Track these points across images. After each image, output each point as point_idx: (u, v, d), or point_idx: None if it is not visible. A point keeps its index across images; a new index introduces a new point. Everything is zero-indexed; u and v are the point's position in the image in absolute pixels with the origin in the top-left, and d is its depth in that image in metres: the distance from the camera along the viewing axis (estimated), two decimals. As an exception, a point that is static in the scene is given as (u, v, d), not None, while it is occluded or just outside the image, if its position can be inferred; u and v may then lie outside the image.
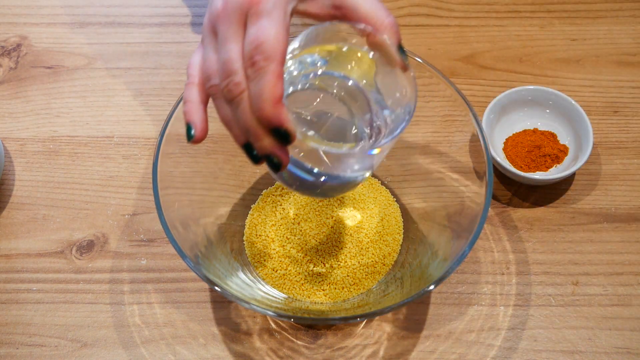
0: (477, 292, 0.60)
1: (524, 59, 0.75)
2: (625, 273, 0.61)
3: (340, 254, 0.60)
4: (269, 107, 0.40)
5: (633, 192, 0.66)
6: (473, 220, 0.52)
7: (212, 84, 0.42)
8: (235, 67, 0.40)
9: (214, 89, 0.42)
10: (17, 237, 0.64)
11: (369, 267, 0.59)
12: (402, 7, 0.79)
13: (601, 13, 0.78)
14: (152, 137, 0.70)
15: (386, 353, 0.57)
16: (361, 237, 0.60)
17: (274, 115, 0.40)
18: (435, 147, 0.62)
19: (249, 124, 0.41)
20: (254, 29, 0.40)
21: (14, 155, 0.69)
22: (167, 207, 0.51)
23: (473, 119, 0.54)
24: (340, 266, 0.59)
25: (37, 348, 0.58)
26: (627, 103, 0.71)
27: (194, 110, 0.43)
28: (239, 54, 0.41)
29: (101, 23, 0.79)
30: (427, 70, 0.57)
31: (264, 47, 0.40)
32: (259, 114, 0.40)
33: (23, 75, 0.74)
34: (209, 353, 0.57)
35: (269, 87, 0.39)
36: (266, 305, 0.53)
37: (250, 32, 0.40)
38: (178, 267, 0.62)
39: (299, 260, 0.59)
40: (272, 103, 0.40)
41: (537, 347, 0.57)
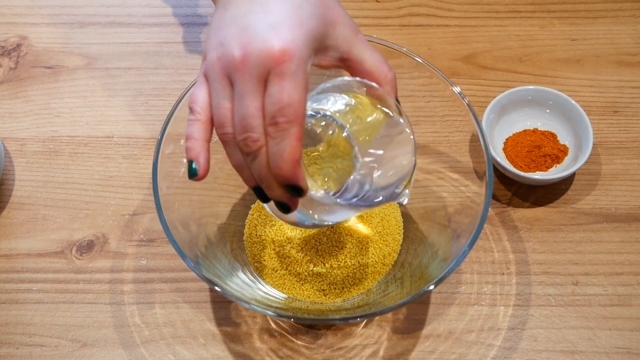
0: (477, 292, 0.60)
1: (524, 59, 0.75)
2: (625, 273, 0.61)
3: (340, 254, 0.60)
4: (288, 168, 0.41)
5: (633, 192, 0.66)
6: (473, 220, 0.52)
7: (225, 132, 0.42)
8: (254, 123, 0.41)
9: (228, 137, 0.42)
10: (17, 237, 0.64)
11: (369, 267, 0.59)
12: (402, 7, 0.79)
13: (601, 13, 0.78)
14: (152, 137, 0.70)
15: (386, 353, 0.57)
16: (361, 237, 0.60)
17: (291, 175, 0.41)
18: (435, 147, 0.62)
19: (264, 175, 0.42)
20: (276, 89, 0.41)
21: (14, 155, 0.69)
22: (167, 207, 0.51)
23: (473, 119, 0.54)
24: (340, 266, 0.59)
25: (37, 348, 0.58)
26: (627, 103, 0.71)
27: (198, 148, 0.43)
28: (258, 110, 0.41)
29: (101, 23, 0.79)
30: (427, 70, 0.57)
31: (288, 110, 0.40)
32: (277, 172, 0.41)
33: (23, 75, 0.74)
34: (209, 353, 0.57)
35: (290, 149, 0.41)
36: (266, 305, 0.53)
37: (273, 92, 0.41)
38: (178, 267, 0.62)
39: (299, 260, 0.59)
40: (292, 164, 0.41)
41: (537, 347, 0.57)
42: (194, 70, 0.74)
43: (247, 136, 0.41)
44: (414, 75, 0.59)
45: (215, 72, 0.42)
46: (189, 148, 0.43)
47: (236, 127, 0.42)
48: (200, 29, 0.77)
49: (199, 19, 0.78)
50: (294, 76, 0.41)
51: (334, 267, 0.59)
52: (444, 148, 0.61)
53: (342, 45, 0.46)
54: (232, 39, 0.41)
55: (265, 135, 0.41)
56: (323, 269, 0.59)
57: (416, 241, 0.60)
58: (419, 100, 0.61)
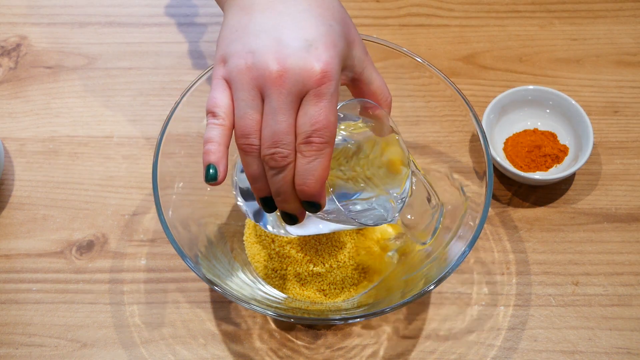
0: (477, 292, 0.60)
1: (524, 59, 0.75)
2: (625, 273, 0.61)
3: (340, 253, 0.60)
4: (316, 187, 0.42)
5: (633, 192, 0.66)
6: (473, 220, 0.52)
7: (250, 143, 0.42)
8: (286, 140, 0.41)
9: (252, 148, 0.42)
10: (17, 237, 0.64)
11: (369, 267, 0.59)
12: (402, 7, 0.79)
13: (601, 13, 0.78)
14: (152, 137, 0.70)
15: (386, 353, 0.57)
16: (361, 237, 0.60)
17: (317, 193, 0.42)
18: (435, 147, 0.62)
19: (284, 189, 0.43)
20: (315, 109, 0.41)
21: (14, 155, 0.69)
22: (167, 207, 0.51)
23: (473, 119, 0.54)
24: (340, 266, 0.59)
25: (37, 348, 0.58)
26: (627, 103, 0.71)
27: (220, 154, 0.43)
28: (291, 127, 0.41)
29: (101, 23, 0.79)
30: (427, 70, 0.57)
31: (324, 132, 0.41)
32: (303, 189, 0.42)
33: (23, 75, 0.74)
34: (209, 353, 0.57)
35: (321, 169, 0.42)
36: (266, 305, 0.53)
37: (311, 112, 0.41)
38: (178, 267, 0.62)
39: (298, 260, 0.59)
40: (320, 183, 0.42)
41: (537, 347, 0.57)
42: (194, 70, 0.74)
43: (277, 151, 0.41)
44: (414, 75, 0.59)
45: (244, 81, 0.42)
46: (210, 151, 0.43)
47: (264, 141, 0.42)
48: (200, 29, 0.77)
49: (199, 19, 0.78)
50: (331, 98, 0.41)
51: (333, 267, 0.59)
52: (444, 148, 0.61)
53: (357, 66, 0.47)
54: (267, 50, 0.41)
55: (295, 152, 0.42)
56: (323, 269, 0.59)
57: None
58: (419, 100, 0.61)
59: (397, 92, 0.62)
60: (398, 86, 0.62)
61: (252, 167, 0.43)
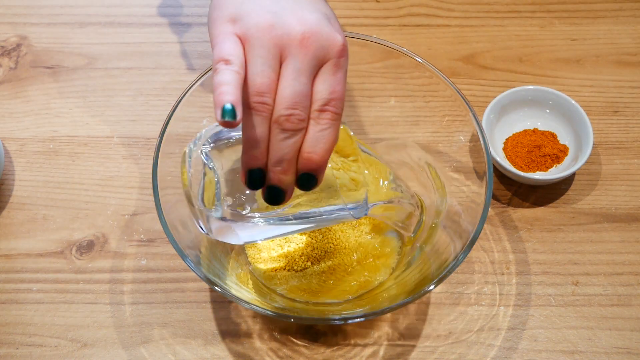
0: (477, 292, 0.60)
1: (524, 59, 0.75)
2: (625, 273, 0.61)
3: (340, 253, 0.60)
4: (324, 156, 0.41)
5: (633, 192, 0.66)
6: (473, 220, 0.52)
7: (264, 102, 0.40)
8: (305, 103, 0.41)
9: (264, 107, 0.41)
10: (17, 237, 0.64)
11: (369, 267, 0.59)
12: (402, 7, 0.79)
13: (601, 13, 0.78)
14: (152, 137, 0.70)
15: (386, 353, 0.57)
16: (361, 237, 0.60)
17: (322, 164, 0.41)
18: (435, 147, 0.62)
19: (289, 157, 0.41)
20: (334, 79, 0.41)
21: (14, 155, 0.69)
22: (167, 207, 0.51)
23: (473, 119, 0.54)
24: (340, 266, 0.59)
25: (37, 348, 0.58)
26: (627, 103, 0.71)
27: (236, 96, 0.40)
28: (310, 91, 0.41)
29: (101, 23, 0.79)
30: (427, 70, 0.57)
31: (338, 103, 0.41)
32: (310, 156, 0.41)
33: (23, 75, 0.74)
34: (209, 353, 0.57)
35: (332, 139, 0.41)
36: (266, 305, 0.53)
37: (330, 80, 0.41)
38: (178, 267, 0.62)
39: (298, 260, 0.59)
40: (328, 154, 0.41)
41: (537, 347, 0.57)
42: (194, 70, 0.74)
43: (295, 113, 0.40)
44: (414, 75, 0.59)
45: (265, 39, 0.41)
46: (225, 92, 0.39)
47: (282, 101, 0.40)
48: (200, 29, 0.77)
49: (199, 19, 0.78)
50: (346, 71, 0.42)
51: (333, 267, 0.59)
52: (444, 148, 0.61)
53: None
54: (289, 12, 0.41)
55: (312, 119, 0.41)
56: (323, 269, 0.59)
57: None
58: (419, 100, 0.61)
59: (397, 92, 0.63)
60: (398, 86, 0.62)
61: (257, 130, 0.41)
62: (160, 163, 0.52)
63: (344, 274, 0.59)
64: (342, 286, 0.58)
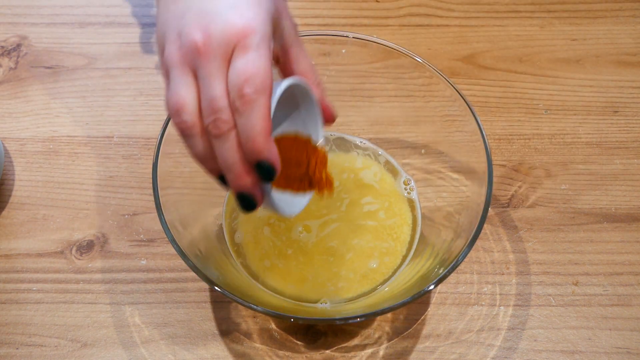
0: (477, 292, 0.60)
1: (524, 59, 0.75)
2: (625, 273, 0.61)
3: (340, 253, 0.60)
4: (262, 140, 0.40)
5: (633, 192, 0.66)
6: (473, 220, 0.52)
7: (183, 120, 0.40)
8: (222, 104, 0.40)
9: (186, 125, 0.41)
10: (17, 237, 0.64)
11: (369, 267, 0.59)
12: (402, 7, 0.79)
13: (601, 13, 0.78)
14: (152, 137, 0.70)
15: (386, 353, 0.57)
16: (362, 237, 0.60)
17: (265, 148, 0.40)
18: (435, 147, 0.62)
19: (232, 161, 0.41)
20: (242, 62, 0.40)
21: (14, 155, 0.69)
22: (167, 207, 0.51)
23: (473, 119, 0.54)
24: (340, 266, 0.59)
25: (37, 348, 0.58)
26: (627, 103, 0.71)
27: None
28: (224, 91, 0.40)
29: (101, 23, 0.79)
30: (427, 70, 0.57)
31: (254, 80, 0.39)
32: (250, 146, 0.40)
33: (23, 75, 0.74)
34: (209, 353, 0.57)
35: (261, 119, 0.40)
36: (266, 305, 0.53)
37: (238, 65, 0.40)
38: (178, 267, 0.62)
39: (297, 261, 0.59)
40: (264, 136, 0.40)
41: (537, 347, 0.57)
42: (194, 70, 0.74)
43: (217, 117, 0.40)
44: (414, 75, 0.59)
45: (175, 63, 0.41)
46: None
47: (204, 112, 0.40)
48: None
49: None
50: (257, 48, 0.40)
51: (334, 267, 0.59)
52: (444, 148, 0.61)
53: (287, 38, 0.46)
54: (192, 25, 0.40)
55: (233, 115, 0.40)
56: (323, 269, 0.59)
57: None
58: (419, 100, 0.61)
59: (397, 92, 0.63)
60: (398, 86, 0.62)
61: (196, 148, 0.41)
62: (160, 163, 0.52)
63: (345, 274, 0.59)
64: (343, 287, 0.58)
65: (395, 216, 0.62)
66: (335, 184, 0.59)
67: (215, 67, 0.40)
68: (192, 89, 0.40)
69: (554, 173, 0.67)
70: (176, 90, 0.40)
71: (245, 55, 0.40)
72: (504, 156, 0.68)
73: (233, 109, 0.40)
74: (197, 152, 0.42)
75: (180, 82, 0.40)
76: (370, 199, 0.63)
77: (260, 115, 0.40)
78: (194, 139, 0.41)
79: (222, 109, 0.40)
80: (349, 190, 0.63)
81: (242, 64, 0.39)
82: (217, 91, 0.40)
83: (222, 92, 0.40)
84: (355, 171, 0.64)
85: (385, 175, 0.64)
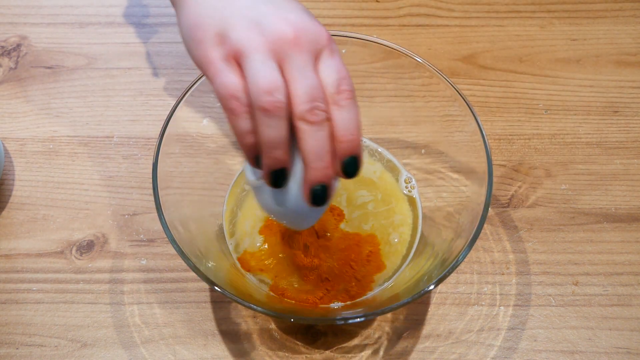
0: (477, 292, 0.60)
1: (524, 59, 0.75)
2: (625, 273, 0.61)
3: (341, 254, 0.60)
4: (358, 133, 0.41)
5: (633, 192, 0.66)
6: (473, 220, 0.52)
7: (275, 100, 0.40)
8: (319, 94, 0.41)
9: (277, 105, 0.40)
10: (17, 237, 0.64)
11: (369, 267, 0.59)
12: (402, 7, 0.79)
13: (601, 13, 0.78)
14: (152, 137, 0.70)
15: (386, 353, 0.57)
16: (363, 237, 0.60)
17: (360, 142, 0.42)
18: (435, 147, 0.62)
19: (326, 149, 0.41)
20: (334, 62, 0.42)
21: (14, 155, 0.69)
22: (167, 207, 0.51)
23: (473, 119, 0.54)
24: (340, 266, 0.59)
25: (37, 348, 0.58)
26: (627, 103, 0.71)
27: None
28: (320, 83, 0.41)
29: (101, 23, 0.79)
30: (427, 70, 0.57)
31: (349, 81, 0.42)
32: (348, 138, 0.41)
33: (23, 75, 0.74)
34: (209, 353, 0.57)
35: (358, 115, 0.41)
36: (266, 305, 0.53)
37: (332, 64, 0.42)
38: (178, 267, 0.62)
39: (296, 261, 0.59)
40: (360, 130, 0.41)
41: (537, 347, 0.57)
42: (194, 70, 0.74)
43: (316, 105, 0.40)
44: (414, 75, 0.59)
45: (259, 47, 0.41)
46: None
47: (298, 98, 0.40)
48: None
49: (199, 19, 0.78)
50: (339, 57, 0.42)
51: (334, 267, 0.59)
52: (444, 148, 0.61)
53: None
54: (274, 17, 0.41)
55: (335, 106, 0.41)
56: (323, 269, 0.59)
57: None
58: (419, 100, 0.61)
59: (397, 92, 0.63)
60: (398, 86, 0.62)
61: (276, 130, 0.40)
62: (160, 163, 0.52)
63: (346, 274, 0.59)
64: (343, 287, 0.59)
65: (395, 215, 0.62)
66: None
67: (309, 61, 0.41)
68: (279, 74, 0.41)
69: (554, 173, 0.67)
70: (268, 71, 0.40)
71: (334, 58, 0.42)
72: (504, 156, 0.68)
73: (331, 102, 0.41)
74: (274, 135, 0.41)
75: (268, 65, 0.40)
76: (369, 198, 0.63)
77: (358, 112, 0.41)
78: (278, 121, 0.40)
79: (319, 98, 0.41)
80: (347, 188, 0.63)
81: (337, 63, 0.42)
82: (314, 81, 0.41)
83: (318, 83, 0.41)
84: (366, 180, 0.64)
85: (385, 173, 0.64)
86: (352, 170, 0.42)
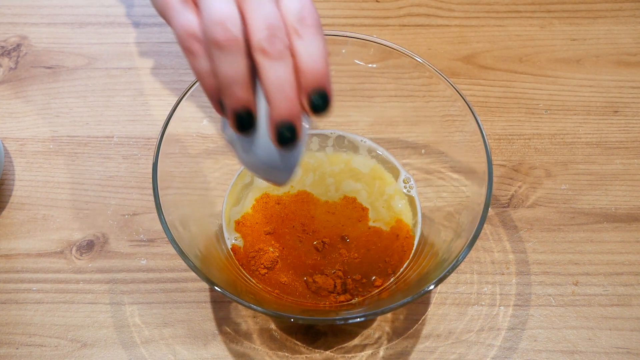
0: (477, 292, 0.60)
1: (524, 59, 0.75)
2: (625, 273, 0.61)
3: (341, 253, 0.60)
4: (325, 64, 0.38)
5: (633, 192, 0.66)
6: (473, 220, 0.52)
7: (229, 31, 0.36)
8: (278, 23, 0.37)
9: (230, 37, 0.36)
10: (17, 237, 0.64)
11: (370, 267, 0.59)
12: (402, 7, 0.79)
13: (601, 13, 0.78)
14: (152, 137, 0.70)
15: (386, 353, 0.57)
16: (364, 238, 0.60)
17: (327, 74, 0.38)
18: (435, 147, 0.62)
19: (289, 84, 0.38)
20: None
21: (14, 155, 0.69)
22: (167, 207, 0.51)
23: (473, 119, 0.54)
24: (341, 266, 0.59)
25: (37, 348, 0.58)
26: (627, 103, 0.71)
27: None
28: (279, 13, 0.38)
29: (101, 23, 0.79)
30: (427, 70, 0.57)
31: (314, 13, 0.38)
32: (313, 69, 0.38)
33: (23, 75, 0.74)
34: (209, 353, 0.57)
35: (324, 46, 0.38)
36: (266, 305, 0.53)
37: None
38: (178, 267, 0.62)
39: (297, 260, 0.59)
40: (327, 62, 0.38)
41: (537, 347, 0.57)
42: (194, 70, 0.74)
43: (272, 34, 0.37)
44: (414, 75, 0.59)
45: None
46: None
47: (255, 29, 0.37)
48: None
49: (199, 19, 0.78)
50: None
51: (335, 267, 0.59)
52: (444, 148, 0.61)
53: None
54: None
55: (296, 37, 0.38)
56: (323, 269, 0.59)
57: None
58: (419, 100, 0.61)
59: (397, 92, 0.63)
60: (398, 86, 0.62)
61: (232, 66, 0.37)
62: (160, 163, 0.52)
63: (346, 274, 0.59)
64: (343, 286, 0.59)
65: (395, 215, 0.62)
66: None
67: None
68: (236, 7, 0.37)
69: (554, 173, 0.67)
70: (219, 3, 0.37)
71: None
72: (504, 156, 0.68)
73: (292, 32, 0.38)
74: (232, 71, 0.37)
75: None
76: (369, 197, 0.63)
77: (323, 43, 0.38)
78: (234, 55, 0.37)
79: (278, 27, 0.37)
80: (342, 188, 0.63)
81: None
82: (272, 10, 0.37)
83: (277, 12, 0.38)
84: (355, 171, 0.64)
85: (385, 174, 0.64)
86: (320, 105, 0.38)
